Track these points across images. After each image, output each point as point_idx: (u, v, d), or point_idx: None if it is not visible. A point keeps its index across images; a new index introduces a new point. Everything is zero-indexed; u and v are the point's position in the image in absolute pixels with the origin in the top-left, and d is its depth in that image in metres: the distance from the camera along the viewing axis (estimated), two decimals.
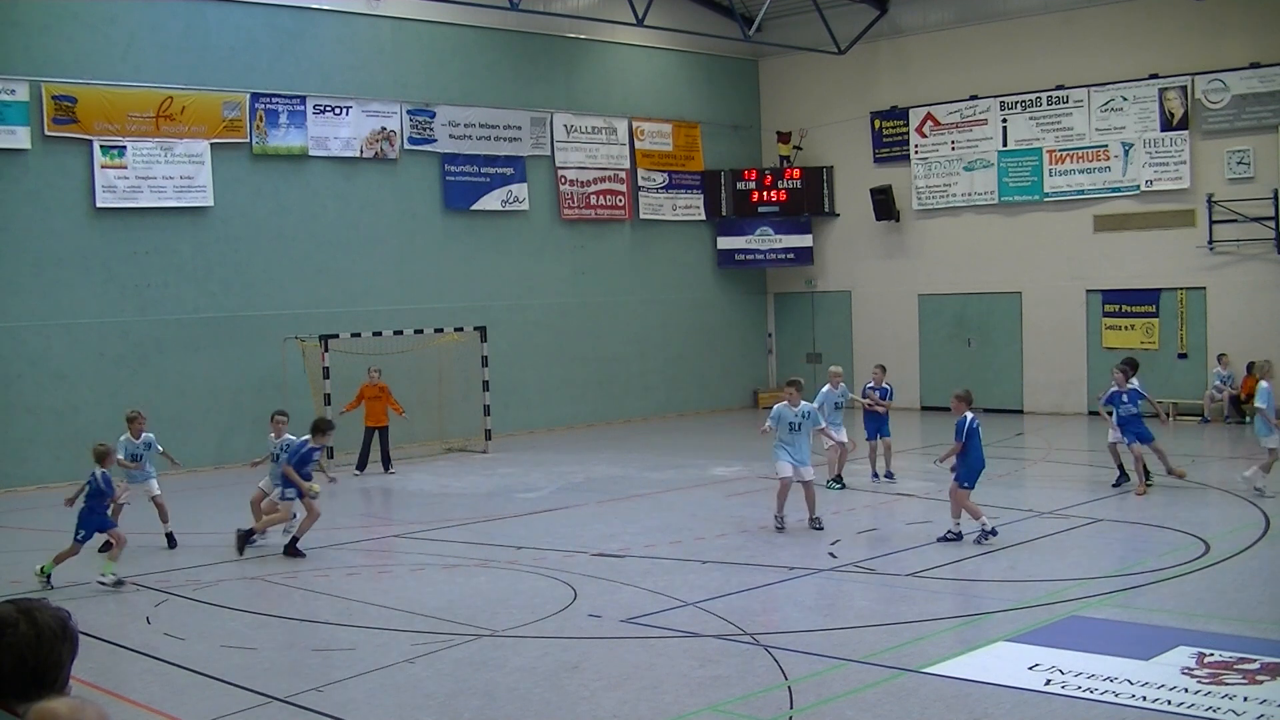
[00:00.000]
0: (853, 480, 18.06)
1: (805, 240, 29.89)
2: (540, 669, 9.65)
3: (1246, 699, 8.29)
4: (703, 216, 29.81)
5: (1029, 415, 26.75)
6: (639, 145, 28.47)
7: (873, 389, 18.64)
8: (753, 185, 29.85)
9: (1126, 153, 25.62)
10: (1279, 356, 21.10)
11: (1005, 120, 27.22)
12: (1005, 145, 27.22)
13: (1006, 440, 22.61)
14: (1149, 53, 25.25)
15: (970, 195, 27.79)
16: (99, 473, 13.15)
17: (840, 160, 29.67)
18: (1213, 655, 9.27)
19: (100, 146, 20.83)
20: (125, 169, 21.10)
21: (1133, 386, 17.33)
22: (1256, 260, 24.37)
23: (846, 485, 17.79)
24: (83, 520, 13.07)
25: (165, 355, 21.68)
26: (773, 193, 29.73)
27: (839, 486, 17.61)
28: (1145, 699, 8.42)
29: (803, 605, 11.76)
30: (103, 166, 20.89)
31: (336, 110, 23.52)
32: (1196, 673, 8.90)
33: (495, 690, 9.22)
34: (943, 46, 28.10)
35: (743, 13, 27.33)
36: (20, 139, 20.04)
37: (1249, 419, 23.78)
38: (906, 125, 28.64)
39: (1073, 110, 26.29)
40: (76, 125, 20.57)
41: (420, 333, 23.34)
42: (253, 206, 22.62)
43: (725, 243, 30.07)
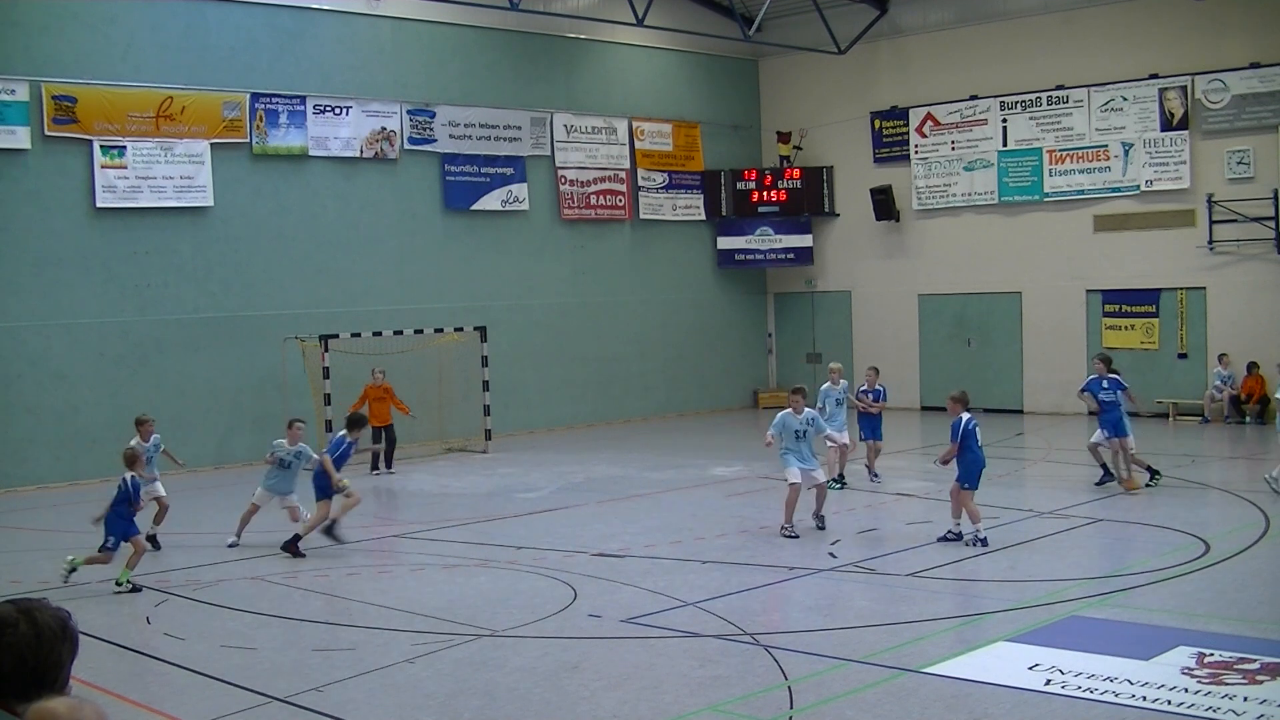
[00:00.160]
0: (853, 480, 18.08)
1: (805, 240, 29.89)
2: (540, 669, 9.65)
3: (1246, 699, 8.29)
4: (703, 216, 29.80)
5: (1029, 415, 26.73)
6: (639, 145, 28.47)
7: (865, 391, 18.63)
8: (753, 185, 29.84)
9: (1126, 153, 25.62)
10: (1279, 356, 21.12)
11: (1005, 120, 27.22)
12: (1005, 145, 27.22)
13: (1006, 440, 22.59)
14: (1149, 53, 25.24)
15: (970, 195, 27.79)
16: (129, 478, 12.85)
17: (840, 160, 29.67)
18: (1213, 655, 9.27)
19: (100, 146, 20.83)
20: (125, 169, 21.10)
21: (1113, 375, 17.34)
22: (1256, 260, 24.37)
23: (847, 484, 17.82)
24: (110, 526, 12.69)
25: (165, 355, 21.68)
26: (773, 193, 29.73)
27: (839, 486, 17.61)
28: (1145, 699, 8.42)
29: (803, 605, 11.76)
30: (103, 166, 20.89)
31: (336, 110, 23.52)
32: (1196, 673, 8.90)
33: (495, 690, 9.22)
34: (943, 46, 28.09)
35: (743, 13, 27.33)
36: (20, 139, 20.04)
37: (1249, 419, 23.87)
38: (906, 125, 28.63)
39: (1073, 110, 26.29)
40: (76, 125, 20.58)
41: (420, 333, 23.35)
42: (253, 206, 22.63)
43: (725, 243, 30.06)
